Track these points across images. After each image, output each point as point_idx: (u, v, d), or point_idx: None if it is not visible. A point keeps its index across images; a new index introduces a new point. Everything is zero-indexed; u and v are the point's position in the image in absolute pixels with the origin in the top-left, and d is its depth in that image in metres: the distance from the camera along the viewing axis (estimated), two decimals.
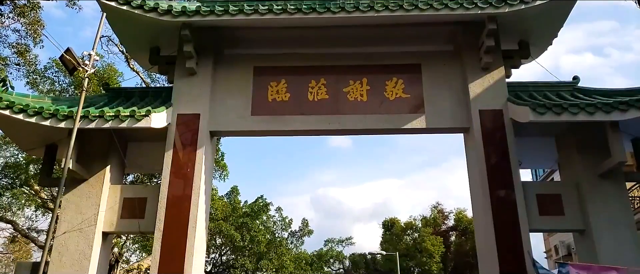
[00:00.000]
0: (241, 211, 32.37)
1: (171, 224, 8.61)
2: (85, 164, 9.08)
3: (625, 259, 7.74)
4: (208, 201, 9.62)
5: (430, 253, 33.87)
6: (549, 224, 8.89)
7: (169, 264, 8.37)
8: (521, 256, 8.00)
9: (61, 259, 8.53)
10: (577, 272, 6.79)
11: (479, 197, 8.67)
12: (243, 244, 31.01)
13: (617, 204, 8.51)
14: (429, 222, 37.33)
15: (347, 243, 41.75)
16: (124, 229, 9.41)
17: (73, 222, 8.76)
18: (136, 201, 9.22)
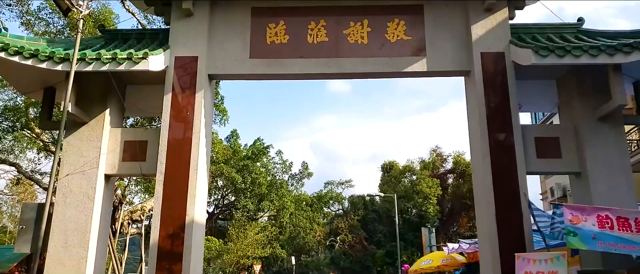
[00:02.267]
0: (242, 154, 32.73)
1: (172, 166, 8.72)
2: (85, 107, 9.06)
3: (619, 200, 7.88)
4: (208, 144, 9.69)
5: (427, 195, 34.55)
6: (546, 167, 9.01)
7: (172, 205, 8.55)
8: (517, 197, 8.16)
9: (65, 200, 8.70)
10: (570, 213, 6.92)
11: (478, 140, 8.72)
12: (244, 186, 31.61)
13: (615, 147, 8.57)
14: (428, 165, 37.83)
15: (346, 185, 42.62)
16: (126, 171, 9.53)
17: (75, 165, 8.86)
18: (137, 144, 9.28)
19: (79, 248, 8.45)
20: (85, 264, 8.39)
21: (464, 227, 34.65)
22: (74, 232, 8.53)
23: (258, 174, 32.20)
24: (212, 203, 34.21)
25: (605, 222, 6.71)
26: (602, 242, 6.65)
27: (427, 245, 25.45)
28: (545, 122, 24.09)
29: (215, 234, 30.02)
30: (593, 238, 6.67)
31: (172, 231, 8.43)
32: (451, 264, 17.38)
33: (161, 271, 8.27)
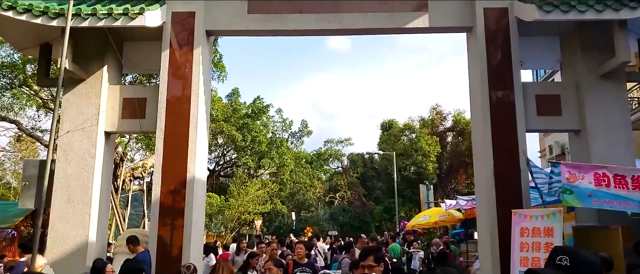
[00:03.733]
0: (242, 112, 32.70)
1: (172, 123, 8.73)
2: (82, 64, 8.98)
3: (618, 158, 7.93)
4: (208, 102, 9.65)
5: (426, 152, 34.78)
6: (546, 125, 9.02)
7: (173, 162, 8.62)
8: (516, 155, 8.20)
9: (67, 157, 8.76)
10: (568, 171, 6.97)
11: (478, 97, 8.69)
12: (245, 144, 31.75)
13: (616, 105, 8.55)
14: (427, 123, 37.88)
15: (345, 143, 42.79)
16: (126, 129, 9.55)
17: (75, 122, 8.86)
18: (136, 101, 9.26)
19: (82, 204, 8.58)
20: (88, 220, 8.54)
21: (462, 184, 35.08)
22: (76, 188, 8.64)
23: (258, 133, 32.28)
24: (213, 160, 34.47)
25: (602, 180, 6.77)
26: (598, 199, 6.73)
27: (425, 201, 25.81)
28: (547, 80, 23.95)
29: (216, 191, 30.41)
30: (588, 196, 6.75)
31: (174, 187, 8.53)
32: (448, 220, 17.68)
33: (163, 227, 8.43)
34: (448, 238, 15.42)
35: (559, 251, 1.83)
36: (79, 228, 8.50)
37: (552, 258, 1.79)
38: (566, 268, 1.74)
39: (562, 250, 1.84)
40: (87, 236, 8.48)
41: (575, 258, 1.77)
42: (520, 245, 7.19)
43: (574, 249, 1.84)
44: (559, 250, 1.85)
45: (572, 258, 1.76)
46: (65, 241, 8.46)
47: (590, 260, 1.80)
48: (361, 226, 35.69)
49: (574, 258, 1.76)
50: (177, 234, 8.37)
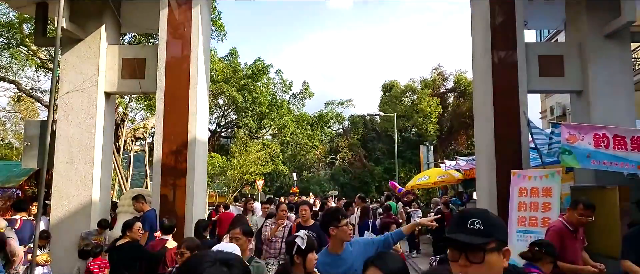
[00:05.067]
0: (242, 73, 32.45)
1: (172, 84, 8.69)
2: (80, 23, 8.85)
3: (619, 119, 7.92)
4: (207, 62, 9.57)
5: (426, 114, 34.73)
6: (548, 85, 8.96)
7: (173, 122, 8.63)
8: (517, 115, 8.20)
9: (67, 118, 8.77)
10: (568, 131, 6.98)
11: (481, 57, 8.61)
12: (245, 105, 31.68)
13: (619, 65, 8.47)
14: (428, 84, 37.63)
15: (346, 104, 42.65)
16: (126, 89, 9.51)
17: (74, 82, 8.82)
18: (135, 61, 9.18)
19: (85, 164, 8.65)
20: (91, 180, 8.63)
21: (462, 145, 35.21)
22: (78, 149, 8.69)
23: (259, 94, 32.14)
24: (214, 121, 34.48)
25: (601, 141, 6.78)
26: (596, 160, 6.77)
27: (424, 162, 25.98)
28: (550, 40, 23.63)
29: (218, 152, 30.58)
30: (587, 157, 6.78)
31: (175, 147, 8.58)
32: (447, 180, 17.84)
33: (166, 187, 8.53)
34: (447, 198, 15.61)
35: (470, 215, 1.70)
36: (82, 187, 8.60)
37: (463, 222, 1.67)
38: (479, 231, 1.64)
39: (472, 213, 1.71)
40: (90, 195, 8.60)
41: (486, 221, 1.66)
42: (518, 205, 7.30)
43: (484, 212, 1.71)
44: (470, 213, 1.72)
45: (484, 221, 1.66)
46: (69, 201, 8.58)
47: (500, 225, 1.71)
48: (361, 186, 36.07)
49: (486, 222, 1.66)
50: (179, 193, 8.48)
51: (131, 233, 6.05)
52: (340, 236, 3.63)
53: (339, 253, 3.63)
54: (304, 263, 3.29)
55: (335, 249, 3.62)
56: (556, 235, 5.00)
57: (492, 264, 1.61)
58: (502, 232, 1.68)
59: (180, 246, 4.02)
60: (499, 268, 1.64)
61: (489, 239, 1.61)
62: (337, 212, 3.78)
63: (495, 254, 1.62)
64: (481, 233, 1.61)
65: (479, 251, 1.60)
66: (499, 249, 1.63)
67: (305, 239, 3.31)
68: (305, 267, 3.30)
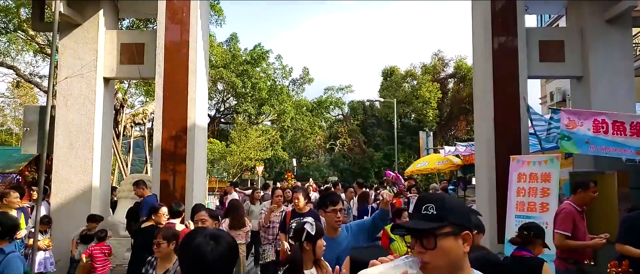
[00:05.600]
0: (241, 58, 32.31)
1: (171, 69, 8.66)
2: (77, 8, 8.79)
3: (619, 105, 7.92)
4: (206, 47, 9.53)
5: (426, 99, 34.67)
6: (548, 71, 8.93)
7: (173, 108, 8.62)
8: (517, 101, 8.19)
9: (66, 103, 8.75)
10: (567, 117, 6.97)
11: (481, 43, 8.57)
12: (245, 91, 31.61)
13: (619, 51, 8.43)
14: (429, 70, 37.50)
15: (346, 90, 42.53)
16: (124, 74, 9.48)
17: (73, 67, 8.78)
18: (134, 46, 9.13)
19: (84, 150, 8.66)
20: (91, 165, 8.65)
21: (462, 131, 35.20)
22: (77, 134, 8.69)
23: (258, 79, 32.04)
24: (214, 107, 34.44)
25: (601, 126, 6.78)
26: (595, 146, 6.77)
27: (424, 148, 26.00)
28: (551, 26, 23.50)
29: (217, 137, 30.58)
30: (586, 143, 6.79)
31: (175, 133, 8.58)
32: (446, 166, 17.87)
33: (166, 172, 8.55)
34: (446, 184, 15.66)
35: (426, 199, 1.64)
36: (82, 173, 8.62)
37: (418, 208, 1.62)
38: (432, 216, 1.57)
39: (427, 198, 1.65)
40: (90, 181, 8.62)
41: (441, 206, 1.59)
42: (517, 190, 7.32)
43: (440, 197, 1.64)
44: (425, 198, 1.65)
45: (439, 206, 1.59)
46: (69, 186, 8.60)
47: (458, 209, 1.62)
48: (361, 172, 36.14)
49: (441, 206, 1.59)
50: (179, 179, 8.51)
51: (156, 217, 6.13)
52: (327, 221, 3.70)
53: (334, 236, 3.66)
54: (313, 249, 3.27)
55: (330, 233, 3.66)
56: (568, 217, 5.39)
57: (446, 250, 1.55)
58: (460, 216, 1.59)
59: (156, 236, 3.86)
60: (457, 254, 1.56)
61: (442, 223, 1.55)
62: (326, 198, 3.81)
63: (450, 239, 1.55)
64: (434, 218, 1.56)
65: (430, 236, 1.54)
66: (455, 234, 1.56)
67: (314, 226, 3.28)
68: (315, 253, 3.29)
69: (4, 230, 3.74)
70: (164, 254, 3.86)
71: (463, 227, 1.58)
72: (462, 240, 1.58)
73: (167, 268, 3.80)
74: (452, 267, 1.56)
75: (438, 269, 1.54)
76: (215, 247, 1.79)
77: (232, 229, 6.88)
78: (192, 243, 1.82)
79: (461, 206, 1.65)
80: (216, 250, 1.78)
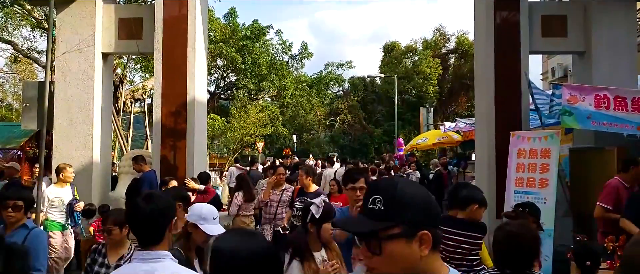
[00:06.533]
0: (241, 33, 32.02)
1: (170, 44, 8.59)
2: None
3: (621, 80, 7.86)
4: (205, 22, 9.43)
5: (427, 75, 34.49)
6: (550, 46, 8.86)
7: (172, 84, 8.58)
8: (518, 77, 8.14)
9: (65, 79, 8.70)
10: (569, 92, 6.94)
11: (483, 18, 8.47)
12: (244, 67, 31.43)
13: (623, 26, 8.34)
14: (430, 45, 37.18)
15: (346, 66, 42.27)
16: (123, 49, 9.40)
17: (71, 42, 8.70)
18: (132, 21, 9.03)
19: (84, 126, 8.65)
20: (91, 141, 8.66)
21: (462, 107, 35.11)
22: (77, 110, 8.66)
23: (258, 55, 31.82)
24: (213, 83, 34.29)
25: (602, 102, 6.76)
26: (596, 121, 6.77)
27: (424, 124, 26.01)
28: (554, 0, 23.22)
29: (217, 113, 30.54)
30: (587, 118, 6.78)
31: (174, 109, 8.57)
32: (446, 142, 17.91)
33: (166, 148, 8.56)
34: (446, 160, 15.71)
35: (375, 189, 1.30)
36: (83, 148, 8.63)
37: (366, 200, 1.30)
38: (379, 212, 1.24)
39: (377, 188, 1.30)
40: (90, 156, 8.64)
41: (391, 199, 1.25)
42: (516, 166, 7.34)
43: (391, 186, 1.27)
44: (373, 188, 1.32)
45: (387, 199, 1.25)
46: (70, 161, 8.57)
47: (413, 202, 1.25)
48: (361, 148, 36.23)
49: (390, 200, 1.25)
50: (180, 155, 8.53)
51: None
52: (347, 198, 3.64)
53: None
54: (318, 232, 3.03)
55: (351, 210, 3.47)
56: (612, 191, 5.56)
57: (395, 256, 1.22)
58: (415, 212, 1.24)
59: (107, 222, 3.54)
60: (411, 260, 1.23)
61: (389, 223, 1.22)
62: (346, 174, 3.69)
63: (400, 243, 1.22)
64: (380, 216, 1.24)
65: (374, 239, 1.23)
66: (408, 235, 1.23)
67: (321, 208, 3.01)
68: (320, 237, 3.05)
69: (27, 205, 3.69)
70: (116, 241, 3.53)
71: (419, 226, 1.24)
72: (419, 242, 1.24)
73: (121, 254, 3.49)
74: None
75: None
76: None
77: (247, 202, 7.03)
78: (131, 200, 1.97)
79: (418, 198, 1.27)
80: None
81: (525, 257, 2.66)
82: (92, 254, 3.55)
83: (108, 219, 3.56)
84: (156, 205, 2.20)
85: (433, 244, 1.26)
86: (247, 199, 7.16)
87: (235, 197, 7.38)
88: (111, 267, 3.38)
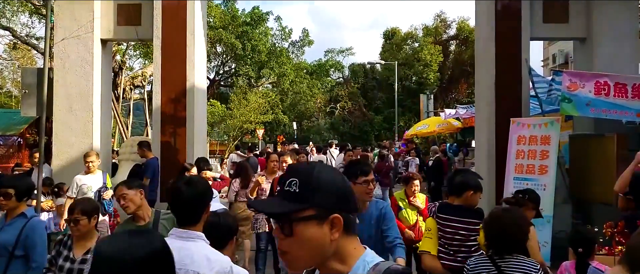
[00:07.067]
0: (240, 19, 31.82)
1: (169, 31, 8.54)
2: None
3: (622, 67, 7.83)
4: (204, 7, 9.38)
5: (427, 62, 34.37)
6: (551, 32, 8.80)
7: (171, 70, 8.55)
8: (518, 63, 8.10)
9: (64, 65, 8.67)
10: (569, 79, 6.93)
11: (483, 4, 8.41)
12: (244, 53, 31.29)
13: (625, 12, 8.27)
14: (430, 31, 37.00)
15: (347, 53, 42.11)
16: (122, 36, 9.36)
17: (69, 29, 8.65)
18: (131, 7, 8.97)
19: (84, 112, 8.65)
20: (91, 127, 8.65)
21: (463, 94, 35.05)
22: (76, 97, 8.65)
23: (258, 41, 31.66)
24: (213, 70, 34.17)
25: (602, 88, 6.75)
26: (595, 108, 6.76)
27: (424, 111, 25.98)
28: None
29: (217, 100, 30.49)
30: (586, 105, 6.78)
31: (174, 96, 8.55)
32: (446, 129, 17.91)
33: (166, 135, 8.56)
34: (446, 146, 15.73)
35: (293, 172, 1.31)
36: (82, 135, 8.63)
37: (282, 182, 1.31)
38: (293, 195, 1.26)
39: (295, 171, 1.31)
40: (90, 143, 8.64)
41: (306, 182, 1.26)
42: (516, 152, 7.35)
43: (308, 170, 1.29)
44: (291, 170, 1.33)
45: (303, 182, 1.26)
46: (70, 148, 8.63)
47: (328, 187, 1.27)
48: (361, 135, 36.24)
49: (305, 183, 1.25)
50: (180, 141, 8.53)
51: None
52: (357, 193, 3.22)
53: (362, 211, 3.28)
54: None
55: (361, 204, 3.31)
56: None
57: (306, 238, 1.24)
58: (329, 196, 1.26)
59: (74, 211, 3.21)
60: (321, 243, 1.25)
61: (302, 205, 1.24)
62: (356, 166, 3.43)
63: (311, 225, 1.24)
64: (294, 198, 1.25)
65: (286, 221, 1.25)
66: (319, 218, 1.24)
67: None
68: None
69: (18, 192, 3.56)
70: (83, 233, 3.23)
71: (331, 210, 1.25)
72: (330, 226, 1.25)
73: (87, 247, 3.22)
74: (317, 257, 1.28)
75: (299, 261, 1.28)
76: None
77: (244, 189, 7.01)
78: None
79: (333, 183, 1.28)
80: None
81: (508, 240, 2.84)
82: (56, 246, 3.29)
83: (75, 209, 3.22)
84: (196, 189, 2.47)
85: (346, 228, 1.28)
86: (244, 186, 7.12)
87: (232, 183, 7.40)
88: (77, 261, 3.17)
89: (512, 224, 2.86)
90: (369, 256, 1.31)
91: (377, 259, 1.30)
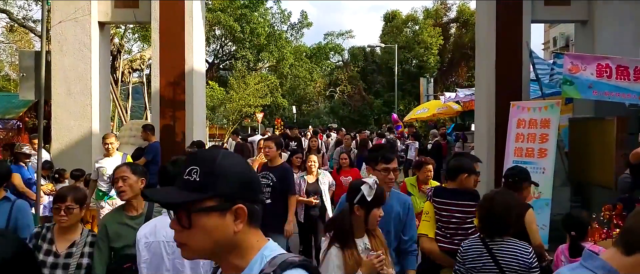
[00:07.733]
0: (239, 2, 31.54)
1: (167, 13, 8.47)
2: None
3: (623, 49, 7.77)
4: None
5: (428, 45, 34.17)
6: (552, 15, 8.74)
7: (170, 53, 8.50)
8: (519, 46, 8.05)
9: (62, 48, 8.61)
10: (571, 61, 6.88)
11: None
12: (243, 36, 31.08)
13: None
14: (431, 14, 36.71)
15: (346, 36, 41.83)
16: (120, 18, 9.28)
17: (66, 11, 8.55)
18: None
19: (82, 96, 8.61)
20: (90, 111, 8.63)
21: (463, 77, 34.92)
22: (74, 80, 8.61)
23: (257, 24, 31.42)
24: (211, 53, 33.99)
25: (604, 71, 6.71)
26: (597, 91, 6.74)
27: (424, 94, 25.91)
28: None
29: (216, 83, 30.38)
30: (588, 87, 6.75)
31: (173, 79, 8.51)
32: (446, 112, 17.88)
33: (165, 119, 8.54)
34: (445, 130, 15.72)
35: (193, 160, 1.22)
36: (81, 119, 8.61)
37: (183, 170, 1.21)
38: (194, 184, 1.17)
39: (195, 158, 1.22)
40: (89, 126, 8.62)
41: (209, 170, 1.18)
42: (516, 136, 7.35)
43: (211, 157, 1.21)
44: (193, 158, 1.23)
45: (205, 170, 1.18)
46: (69, 131, 8.62)
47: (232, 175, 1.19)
48: (361, 119, 36.20)
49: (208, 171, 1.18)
50: (179, 125, 8.52)
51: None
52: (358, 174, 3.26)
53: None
54: (366, 217, 2.66)
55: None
56: None
57: (207, 230, 1.16)
58: (232, 184, 1.18)
59: (65, 199, 2.87)
60: (224, 234, 1.18)
61: (203, 195, 1.16)
62: (378, 153, 3.25)
63: (213, 216, 1.16)
64: (195, 187, 1.16)
65: (184, 212, 1.16)
66: (222, 208, 1.17)
67: (374, 190, 2.61)
68: (367, 223, 2.68)
69: None
70: (73, 223, 2.95)
71: (234, 200, 1.18)
72: (234, 216, 1.18)
73: (71, 240, 2.95)
74: (218, 250, 1.20)
75: (198, 253, 1.21)
76: None
77: None
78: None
79: (237, 171, 1.21)
80: None
81: (498, 223, 2.86)
82: (33, 239, 2.94)
83: (67, 197, 2.88)
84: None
85: (249, 219, 1.21)
86: None
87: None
88: (61, 255, 2.88)
89: (502, 207, 2.86)
90: (268, 250, 1.22)
91: (277, 252, 1.22)
